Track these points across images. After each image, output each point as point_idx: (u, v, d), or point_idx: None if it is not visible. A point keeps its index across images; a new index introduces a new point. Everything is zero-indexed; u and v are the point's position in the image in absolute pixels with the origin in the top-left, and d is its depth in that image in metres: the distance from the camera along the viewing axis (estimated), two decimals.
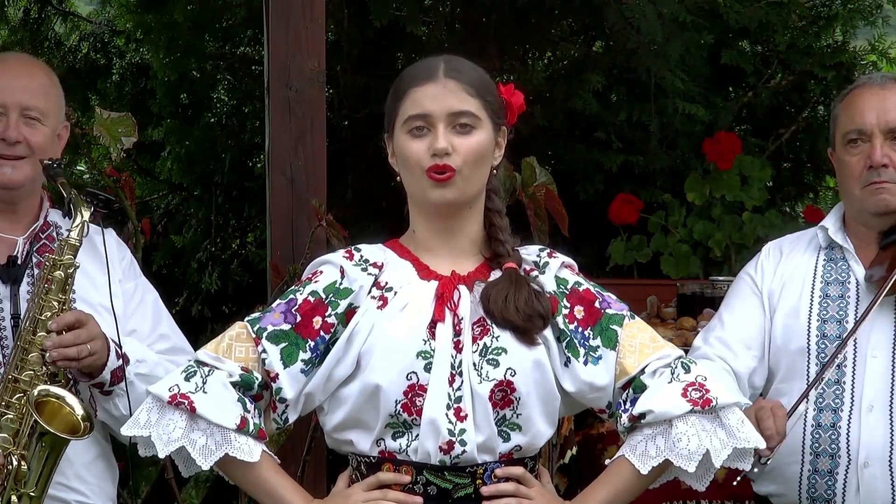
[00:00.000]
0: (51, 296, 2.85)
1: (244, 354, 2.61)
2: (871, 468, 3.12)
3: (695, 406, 2.55)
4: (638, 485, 2.61)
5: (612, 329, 2.62)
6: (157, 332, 3.12)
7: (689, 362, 2.63)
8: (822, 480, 3.17)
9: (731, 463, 2.60)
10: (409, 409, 2.54)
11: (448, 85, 2.59)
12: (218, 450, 2.55)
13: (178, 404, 2.55)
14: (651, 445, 2.57)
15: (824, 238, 3.30)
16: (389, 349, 2.55)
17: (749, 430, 2.58)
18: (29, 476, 2.79)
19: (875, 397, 3.13)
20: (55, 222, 3.08)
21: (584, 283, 2.67)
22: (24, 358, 2.83)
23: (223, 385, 2.57)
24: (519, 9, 5.61)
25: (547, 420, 2.60)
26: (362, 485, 2.58)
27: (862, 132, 3.21)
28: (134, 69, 6.59)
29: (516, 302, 2.56)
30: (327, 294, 2.62)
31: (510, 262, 2.62)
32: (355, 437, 2.60)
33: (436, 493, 2.55)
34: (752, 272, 3.37)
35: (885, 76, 3.28)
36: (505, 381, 2.54)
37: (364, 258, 2.65)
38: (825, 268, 3.27)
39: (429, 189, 2.58)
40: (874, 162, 3.17)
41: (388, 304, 2.60)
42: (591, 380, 2.59)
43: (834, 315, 3.21)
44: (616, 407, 2.63)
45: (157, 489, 6.24)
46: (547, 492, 2.64)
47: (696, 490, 2.64)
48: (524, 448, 2.59)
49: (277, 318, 2.61)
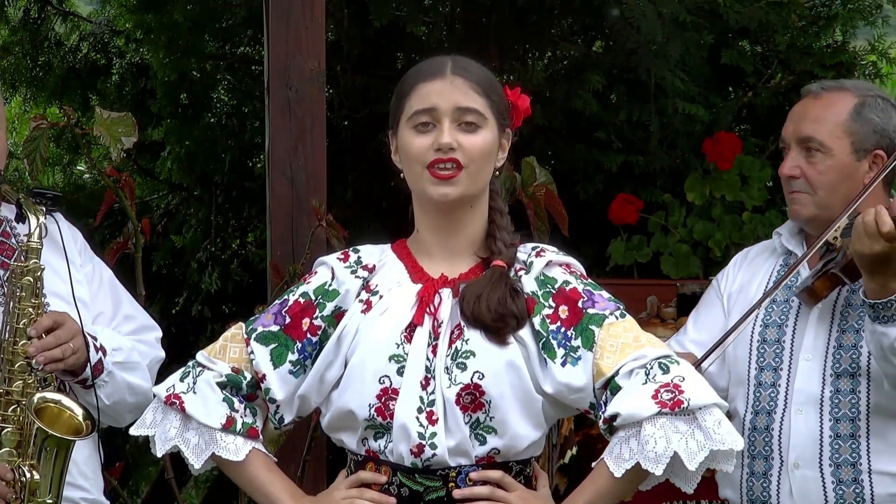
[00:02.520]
0: (24, 303, 2.85)
1: (237, 355, 2.65)
2: (801, 469, 3.12)
3: (663, 408, 2.48)
4: (618, 487, 2.55)
5: (590, 329, 2.57)
6: (120, 312, 3.13)
7: (670, 363, 2.55)
8: (758, 483, 3.18)
9: (712, 464, 2.52)
10: (383, 412, 2.55)
11: (455, 81, 2.59)
12: (207, 449, 2.60)
13: (171, 404, 2.62)
14: (625, 448, 2.51)
15: (779, 244, 3.32)
16: (367, 353, 2.57)
17: (727, 432, 2.50)
18: (42, 484, 2.80)
19: (806, 400, 3.14)
20: (5, 217, 3.04)
21: (572, 283, 2.62)
22: (10, 369, 2.83)
23: (209, 385, 2.62)
24: (519, 9, 5.61)
25: (529, 422, 2.57)
26: (346, 482, 2.61)
27: (783, 142, 3.27)
28: (134, 69, 6.58)
29: (488, 301, 2.54)
30: (316, 296, 2.64)
31: (499, 259, 2.61)
32: (345, 437, 2.62)
33: (408, 494, 2.55)
34: (719, 277, 3.41)
35: (827, 83, 3.28)
36: (472, 384, 2.53)
37: (358, 260, 2.66)
38: (779, 273, 3.28)
39: (430, 186, 2.57)
40: (783, 174, 3.24)
41: (371, 309, 2.61)
42: (568, 381, 2.55)
43: (776, 319, 3.23)
44: (598, 408, 2.58)
45: (157, 489, 6.25)
46: (532, 496, 2.60)
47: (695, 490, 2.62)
48: (504, 451, 2.56)
49: (269, 319, 2.64)
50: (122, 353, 3.00)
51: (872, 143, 3.19)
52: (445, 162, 2.56)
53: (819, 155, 3.19)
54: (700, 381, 2.56)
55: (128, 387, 2.98)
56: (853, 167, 3.19)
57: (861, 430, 3.11)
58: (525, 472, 2.62)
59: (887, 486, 3.11)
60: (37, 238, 2.87)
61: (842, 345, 3.14)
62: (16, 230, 3.02)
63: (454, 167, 2.56)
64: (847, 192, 3.16)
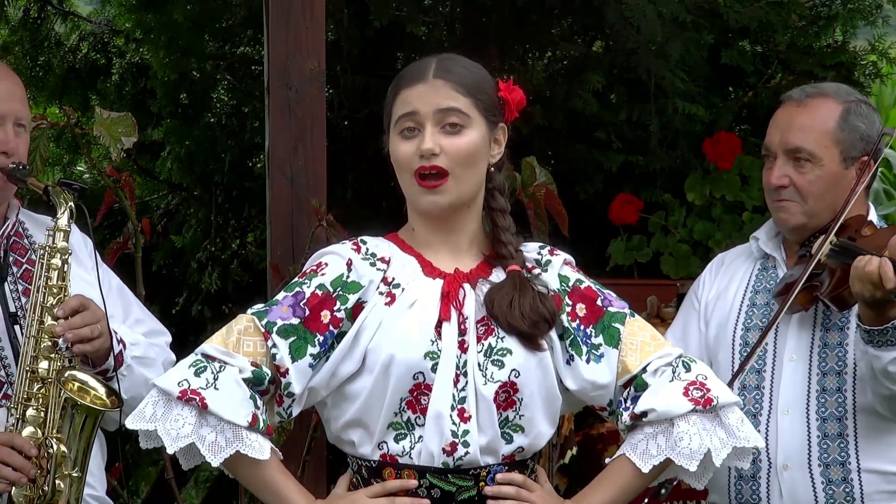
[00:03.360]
0: (51, 283, 2.88)
1: (252, 349, 2.56)
2: (790, 471, 3.13)
3: (696, 405, 2.55)
4: (638, 483, 2.61)
5: (614, 327, 2.61)
6: (131, 317, 3.16)
7: (690, 361, 2.63)
8: (746, 486, 3.18)
9: (731, 462, 2.59)
10: (414, 406, 2.52)
11: (436, 84, 2.58)
12: (228, 447, 2.51)
13: (188, 400, 2.51)
14: (652, 444, 2.56)
15: (756, 248, 3.32)
16: (398, 347, 2.53)
17: (749, 430, 2.58)
18: (69, 456, 2.82)
19: (791, 400, 3.15)
20: (23, 221, 3.10)
21: (585, 281, 2.66)
22: (36, 347, 2.85)
23: (235, 382, 2.53)
24: (519, 9, 5.61)
25: (549, 420, 2.60)
26: (367, 491, 2.55)
27: (768, 150, 3.24)
28: (134, 69, 6.57)
29: (521, 307, 2.55)
30: (335, 288, 2.59)
31: (513, 264, 2.61)
32: (358, 437, 2.58)
33: (439, 496, 2.54)
34: (695, 286, 3.42)
35: (809, 89, 3.26)
36: (509, 382, 2.54)
37: (371, 252, 2.63)
38: (758, 277, 3.29)
39: (419, 195, 2.58)
40: (770, 184, 3.21)
41: (395, 301, 2.58)
42: (594, 378, 2.59)
43: (757, 323, 3.23)
44: (617, 405, 2.62)
45: (157, 489, 6.25)
46: (550, 495, 2.62)
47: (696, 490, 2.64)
48: (526, 450, 2.58)
49: (286, 311, 2.57)
50: (139, 348, 3.03)
51: (860, 151, 3.19)
52: (429, 170, 2.55)
53: (808, 165, 3.18)
54: (719, 380, 2.64)
55: (145, 382, 2.96)
56: (841, 175, 3.19)
57: (849, 428, 3.12)
58: (534, 470, 2.64)
59: (877, 484, 3.12)
60: (65, 220, 2.90)
61: (827, 343, 3.15)
62: (28, 232, 3.07)
63: (438, 175, 2.55)
64: (834, 200, 3.17)
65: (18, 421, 2.83)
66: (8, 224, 3.07)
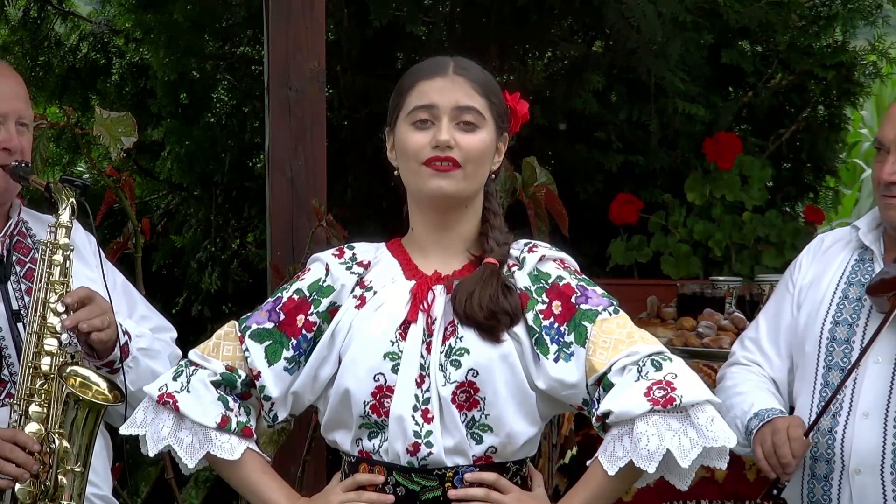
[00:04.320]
0: (53, 279, 2.88)
1: (231, 353, 2.63)
2: (862, 475, 3.04)
3: (655, 405, 2.46)
4: (612, 486, 2.54)
5: (583, 325, 2.55)
6: (136, 313, 3.16)
7: (662, 359, 2.53)
8: (818, 486, 3.11)
9: (706, 462, 2.50)
10: (378, 410, 2.54)
11: (456, 80, 2.59)
12: (201, 448, 2.59)
13: (164, 403, 2.60)
14: (618, 446, 2.50)
15: (855, 237, 3.22)
16: (360, 349, 2.56)
17: (719, 429, 2.48)
18: (71, 451, 2.82)
19: (872, 404, 3.05)
20: (26, 220, 3.10)
21: (566, 278, 2.61)
22: (39, 344, 2.85)
23: (203, 384, 2.61)
24: (519, 9, 5.61)
25: (525, 418, 2.56)
26: (342, 485, 2.60)
27: (881, 144, 3.13)
28: (134, 69, 6.57)
29: (480, 298, 2.53)
30: (311, 292, 2.63)
31: (491, 257, 2.60)
32: (339, 437, 2.62)
33: (404, 493, 2.55)
34: (792, 267, 3.30)
35: None
36: (467, 381, 2.52)
37: (353, 256, 2.66)
38: (854, 268, 3.18)
39: (426, 179, 2.57)
40: (882, 179, 3.10)
41: (365, 304, 2.61)
42: (561, 377, 2.54)
43: (847, 318, 3.13)
44: (592, 405, 2.56)
45: (157, 489, 6.24)
46: (528, 497, 2.59)
47: (695, 490, 2.61)
48: (500, 450, 2.55)
49: (263, 316, 2.64)
50: (145, 340, 3.04)
51: None
52: (442, 160, 2.56)
53: None
54: (693, 378, 2.53)
55: (151, 374, 2.95)
56: None
57: None
58: (521, 473, 2.61)
59: None
60: (67, 217, 2.91)
61: None
62: (31, 231, 3.07)
63: (451, 164, 2.56)
64: None
65: (22, 417, 2.83)
66: (11, 223, 3.08)
